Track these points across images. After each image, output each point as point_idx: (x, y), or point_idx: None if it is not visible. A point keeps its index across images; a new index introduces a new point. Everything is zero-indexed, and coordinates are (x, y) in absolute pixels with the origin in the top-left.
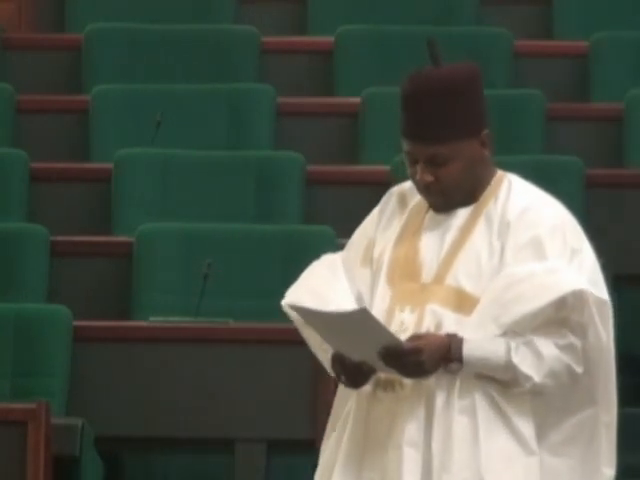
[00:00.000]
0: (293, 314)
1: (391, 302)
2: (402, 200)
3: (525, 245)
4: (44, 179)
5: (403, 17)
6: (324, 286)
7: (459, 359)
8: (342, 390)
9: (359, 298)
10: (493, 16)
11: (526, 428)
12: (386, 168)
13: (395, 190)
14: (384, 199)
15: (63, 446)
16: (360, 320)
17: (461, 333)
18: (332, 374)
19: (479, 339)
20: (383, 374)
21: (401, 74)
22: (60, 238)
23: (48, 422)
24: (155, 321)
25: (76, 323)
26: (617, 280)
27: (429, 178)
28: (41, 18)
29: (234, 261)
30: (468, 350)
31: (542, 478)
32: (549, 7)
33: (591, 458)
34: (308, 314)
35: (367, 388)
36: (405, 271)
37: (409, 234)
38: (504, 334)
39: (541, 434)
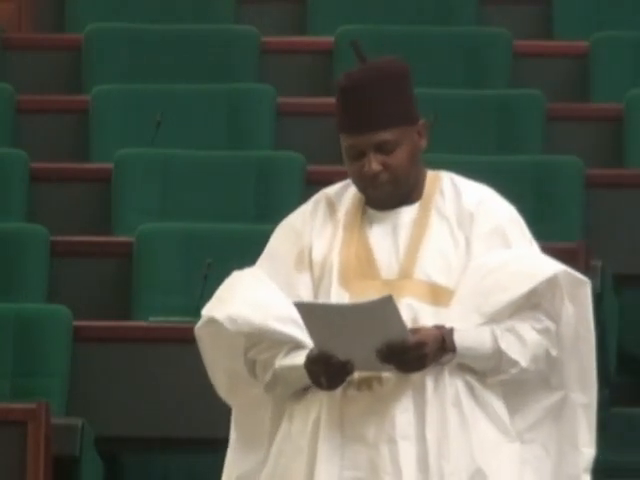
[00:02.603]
0: (208, 332)
1: (351, 301)
2: (331, 205)
3: (490, 234)
4: (44, 179)
5: (403, 17)
6: (259, 296)
7: (452, 350)
8: (249, 413)
9: None
10: (493, 16)
11: (504, 415)
12: None
13: (322, 197)
14: (312, 207)
15: (63, 446)
16: (380, 311)
17: (446, 325)
18: (228, 399)
19: (466, 328)
20: (357, 373)
21: None
22: (60, 238)
23: (48, 422)
24: (155, 321)
25: (76, 323)
26: (617, 280)
27: (378, 167)
28: (41, 18)
29: (234, 261)
30: (459, 340)
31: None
32: (549, 7)
33: (565, 440)
34: (314, 309)
35: (337, 390)
36: (360, 270)
37: (353, 235)
38: (485, 323)
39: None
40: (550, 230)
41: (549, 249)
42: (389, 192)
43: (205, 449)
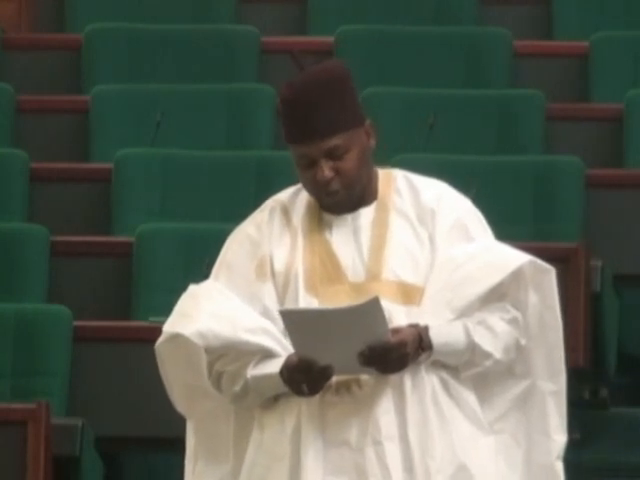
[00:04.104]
0: (170, 348)
1: (321, 306)
2: (285, 213)
3: (451, 229)
4: (44, 179)
5: (403, 17)
6: (224, 309)
7: (430, 347)
8: (230, 422)
9: (265, 313)
10: (493, 16)
11: (478, 409)
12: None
13: (276, 204)
14: (267, 215)
15: (63, 446)
16: (366, 313)
17: (420, 323)
18: (187, 412)
19: (439, 325)
20: (334, 378)
21: (401, 74)
22: (60, 238)
23: (48, 422)
24: (155, 321)
25: (76, 323)
26: (617, 280)
27: (330, 173)
28: (41, 18)
29: None
30: (434, 337)
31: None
32: (549, 7)
33: (535, 428)
34: (299, 316)
35: (315, 397)
36: (326, 276)
37: (314, 241)
38: (457, 318)
39: None
40: (550, 230)
41: (549, 249)
42: (344, 198)
43: None
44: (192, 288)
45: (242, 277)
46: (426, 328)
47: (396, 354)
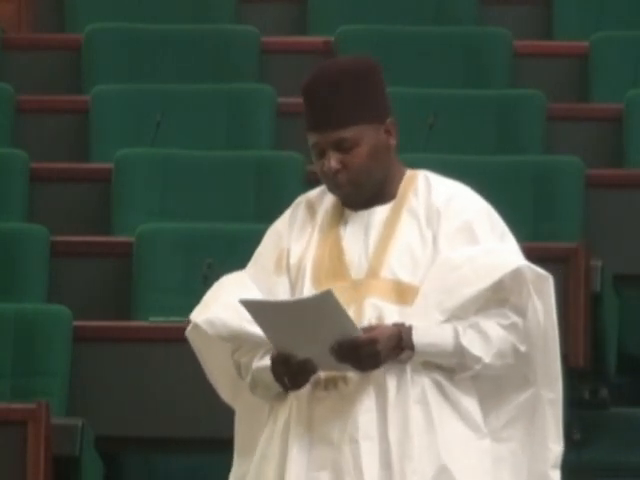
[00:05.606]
0: (197, 336)
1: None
2: (310, 208)
3: (457, 231)
4: (44, 179)
5: (403, 17)
6: (236, 300)
7: (411, 347)
8: (248, 416)
9: None
10: (493, 16)
11: (475, 411)
12: None
13: (302, 199)
14: (292, 210)
15: (63, 446)
16: (322, 306)
17: (406, 323)
18: (232, 401)
19: (426, 326)
20: (323, 373)
21: (401, 74)
22: (60, 238)
23: (48, 422)
24: (155, 321)
25: (76, 323)
26: (617, 280)
27: (336, 165)
28: (41, 18)
29: (234, 261)
30: (417, 337)
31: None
32: (549, 7)
33: (536, 437)
34: (261, 307)
35: (305, 390)
36: (331, 270)
37: (327, 236)
38: (448, 320)
39: (483, 418)
40: (550, 230)
41: (549, 249)
42: (351, 192)
43: (205, 449)
44: (222, 278)
45: (264, 270)
46: (409, 328)
47: (366, 351)
